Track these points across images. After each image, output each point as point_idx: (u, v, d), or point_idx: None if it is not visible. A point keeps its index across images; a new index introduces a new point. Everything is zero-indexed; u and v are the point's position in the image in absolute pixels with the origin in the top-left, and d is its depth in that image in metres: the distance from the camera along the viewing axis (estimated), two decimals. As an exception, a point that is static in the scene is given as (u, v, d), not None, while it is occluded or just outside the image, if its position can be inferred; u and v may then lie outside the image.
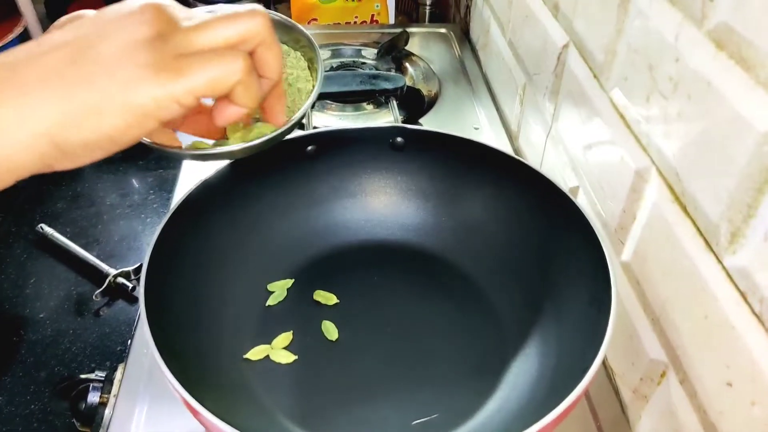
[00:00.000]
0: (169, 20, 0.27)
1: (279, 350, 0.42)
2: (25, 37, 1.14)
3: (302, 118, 0.37)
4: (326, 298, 0.46)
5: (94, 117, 0.26)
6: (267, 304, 0.45)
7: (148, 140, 0.34)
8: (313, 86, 0.38)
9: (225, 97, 0.30)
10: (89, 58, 0.26)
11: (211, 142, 0.36)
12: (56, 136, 0.25)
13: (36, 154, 0.25)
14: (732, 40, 0.29)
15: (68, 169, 0.27)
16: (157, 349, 0.32)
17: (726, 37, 0.30)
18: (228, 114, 0.30)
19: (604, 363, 0.46)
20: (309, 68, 0.40)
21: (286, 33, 0.40)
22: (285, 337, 0.43)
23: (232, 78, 0.28)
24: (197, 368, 0.37)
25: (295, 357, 0.42)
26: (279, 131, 0.36)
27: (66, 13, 0.31)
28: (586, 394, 0.44)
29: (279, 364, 0.42)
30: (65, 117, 0.25)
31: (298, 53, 0.40)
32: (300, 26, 0.38)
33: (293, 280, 0.47)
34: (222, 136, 0.36)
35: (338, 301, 0.46)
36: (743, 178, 0.29)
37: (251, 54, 0.30)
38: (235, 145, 0.35)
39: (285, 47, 0.41)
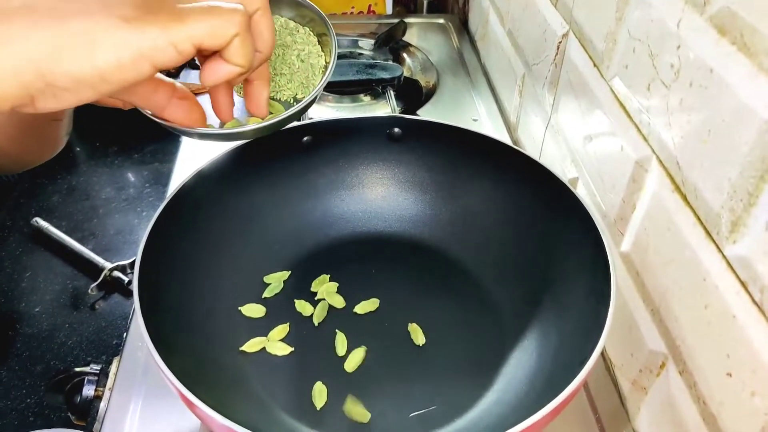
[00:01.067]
0: None
1: (275, 342, 0.42)
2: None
3: (317, 95, 0.36)
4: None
5: (86, 48, 0.24)
6: (263, 296, 0.45)
7: (162, 119, 0.34)
8: (327, 62, 0.38)
9: (216, 55, 0.29)
10: None
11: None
12: (43, 66, 0.24)
13: (20, 82, 0.24)
14: (734, 26, 0.29)
15: (51, 110, 0.26)
16: (151, 341, 0.32)
17: (728, 23, 0.29)
18: (219, 72, 0.30)
19: (603, 355, 0.46)
20: (320, 43, 0.39)
21: (294, 8, 0.39)
22: (281, 329, 0.43)
23: (231, 30, 0.27)
24: (192, 361, 0.36)
25: (292, 349, 0.42)
26: (292, 111, 0.35)
27: None
28: (585, 386, 0.44)
29: (275, 356, 0.41)
30: (55, 46, 0.24)
31: (307, 29, 0.40)
32: (309, 1, 0.38)
33: (289, 272, 0.46)
34: (202, 125, 0.35)
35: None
36: (745, 166, 0.28)
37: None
38: (249, 126, 0.34)
39: (293, 23, 0.40)
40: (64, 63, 0.24)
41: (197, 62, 0.32)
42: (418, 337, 0.42)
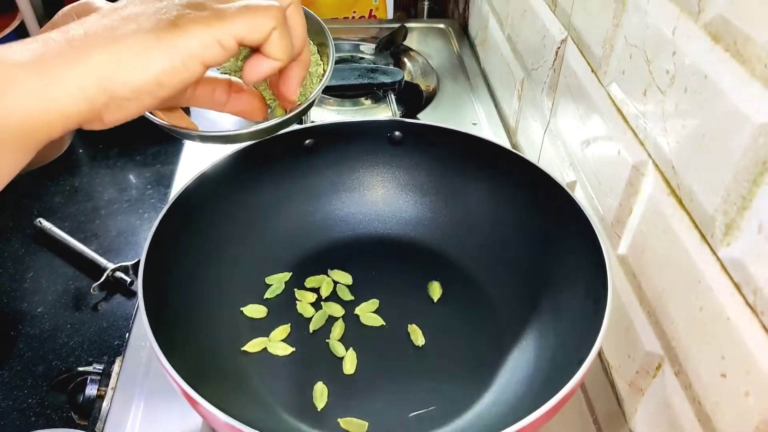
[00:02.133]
0: None
1: (277, 342, 0.42)
2: (21, 31, 1.14)
3: (314, 101, 0.37)
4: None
5: (141, 58, 0.26)
6: (264, 297, 0.45)
7: (163, 122, 0.34)
8: (324, 70, 0.38)
9: (257, 52, 0.30)
10: (132, 17, 0.27)
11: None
12: (104, 80, 0.26)
13: (85, 100, 0.26)
14: (728, 33, 0.30)
15: (119, 121, 0.27)
16: (155, 340, 0.32)
17: (722, 30, 0.30)
18: (260, 68, 0.31)
19: (600, 356, 0.46)
20: (319, 53, 0.40)
21: None
22: (283, 330, 0.43)
23: (269, 24, 0.29)
24: (195, 360, 0.37)
25: (293, 349, 0.42)
26: (290, 114, 0.36)
27: (64, 5, 0.31)
28: (583, 387, 0.44)
29: (277, 356, 0.42)
30: (112, 60, 0.26)
31: (308, 39, 0.40)
32: (309, 10, 0.38)
33: (291, 274, 0.47)
34: (264, 114, 0.36)
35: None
36: (739, 170, 0.29)
37: None
38: (248, 128, 0.35)
39: None
40: (122, 74, 0.26)
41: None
42: (418, 338, 0.43)
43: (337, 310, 0.45)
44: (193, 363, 0.35)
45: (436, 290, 0.46)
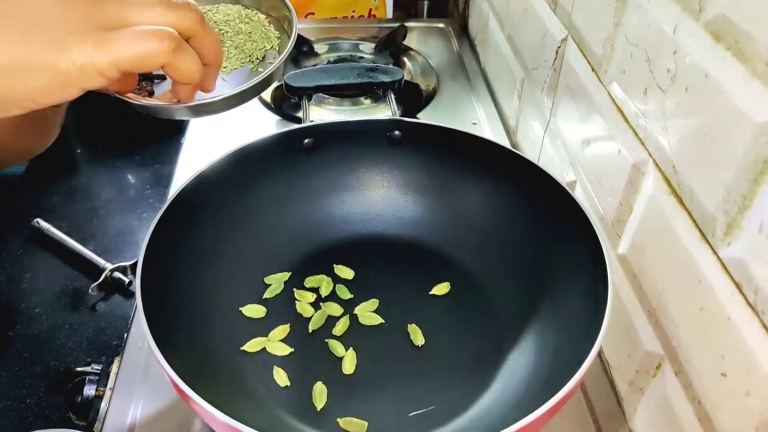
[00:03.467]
0: None
1: (276, 342, 0.42)
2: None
3: (280, 66, 0.38)
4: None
5: (18, 75, 0.26)
6: (264, 297, 0.45)
7: (134, 101, 0.35)
8: (282, 38, 0.39)
9: (175, 82, 0.31)
10: (19, 10, 0.26)
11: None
12: None
13: None
14: (729, 32, 0.29)
15: None
16: (154, 340, 0.32)
17: (723, 29, 0.30)
18: (183, 93, 0.32)
19: (600, 356, 0.46)
20: (284, 24, 0.41)
21: None
22: (282, 330, 0.43)
23: (157, 59, 0.28)
24: (194, 360, 0.37)
25: (292, 349, 0.42)
26: (258, 80, 0.36)
27: None
28: (583, 387, 0.44)
29: (275, 356, 0.42)
30: None
31: (260, 15, 0.42)
32: None
33: (290, 273, 0.47)
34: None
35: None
36: (739, 169, 0.29)
37: (188, 40, 0.31)
38: (216, 96, 0.35)
39: (245, 11, 0.42)
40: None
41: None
42: (418, 337, 0.43)
43: (336, 309, 0.45)
44: (192, 363, 0.35)
45: (442, 289, 0.46)
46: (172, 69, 0.30)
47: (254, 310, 0.44)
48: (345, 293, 0.46)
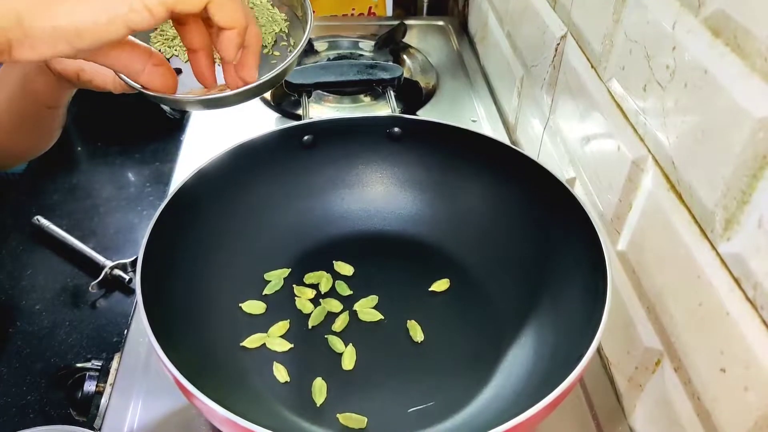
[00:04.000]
0: None
1: (275, 338, 0.42)
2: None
3: (294, 61, 0.37)
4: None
5: (67, 5, 0.26)
6: (263, 293, 0.45)
7: (139, 85, 0.34)
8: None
9: (218, 29, 0.30)
10: None
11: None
12: (24, 15, 0.26)
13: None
14: (728, 28, 0.29)
15: (27, 60, 0.27)
16: (154, 336, 0.32)
17: (722, 25, 0.30)
18: (231, 42, 0.30)
19: (599, 352, 0.46)
20: (299, 19, 0.41)
21: None
22: (281, 326, 0.43)
23: None
24: (193, 355, 0.37)
25: (291, 345, 0.42)
26: (274, 73, 0.35)
27: None
28: (582, 383, 0.44)
29: (275, 352, 0.42)
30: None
31: (273, 8, 0.41)
32: None
33: (290, 270, 0.47)
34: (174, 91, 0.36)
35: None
36: (738, 165, 0.29)
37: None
38: (228, 91, 0.35)
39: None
40: (45, 15, 0.26)
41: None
42: (417, 333, 0.43)
43: (336, 305, 0.45)
44: (192, 358, 0.35)
45: (441, 285, 0.46)
46: (216, 7, 0.29)
47: (254, 306, 0.44)
48: (344, 289, 0.46)
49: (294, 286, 0.46)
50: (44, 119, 0.48)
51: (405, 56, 0.81)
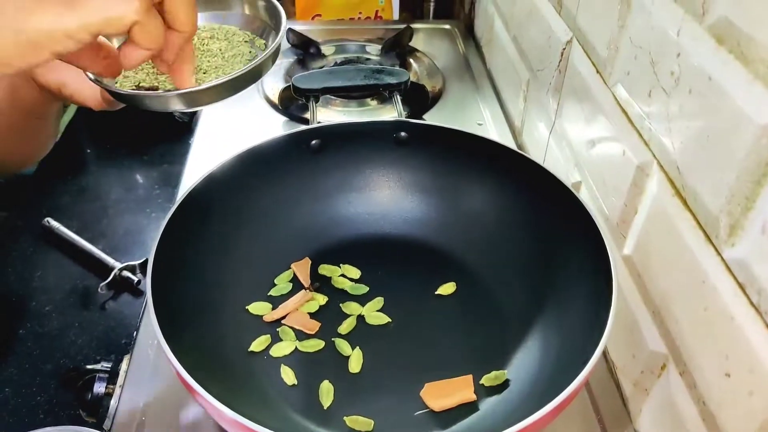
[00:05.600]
0: None
1: (283, 342, 0.43)
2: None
3: (271, 55, 0.37)
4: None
5: None
6: (271, 295, 0.46)
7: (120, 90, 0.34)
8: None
9: (131, 41, 0.30)
10: None
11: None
12: None
13: None
14: (732, 35, 0.30)
15: None
16: (163, 337, 0.32)
17: (726, 32, 0.30)
18: (132, 57, 0.30)
19: (605, 356, 0.46)
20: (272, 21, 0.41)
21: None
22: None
23: (127, 18, 0.28)
24: (203, 357, 0.37)
25: (296, 346, 0.42)
26: (248, 67, 0.35)
27: None
28: (588, 387, 0.44)
29: (283, 354, 0.42)
30: None
31: (232, 28, 0.41)
32: None
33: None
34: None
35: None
36: (742, 171, 0.29)
37: (161, 4, 0.30)
38: (204, 84, 0.35)
39: (209, 27, 0.41)
40: None
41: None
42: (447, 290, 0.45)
43: (345, 309, 0.45)
44: (201, 360, 0.36)
45: (447, 289, 0.46)
46: (140, 31, 0.29)
47: (262, 309, 0.45)
48: (355, 290, 0.46)
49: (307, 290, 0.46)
50: (34, 130, 0.48)
51: (411, 60, 0.81)
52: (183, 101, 0.35)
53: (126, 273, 0.64)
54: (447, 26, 0.90)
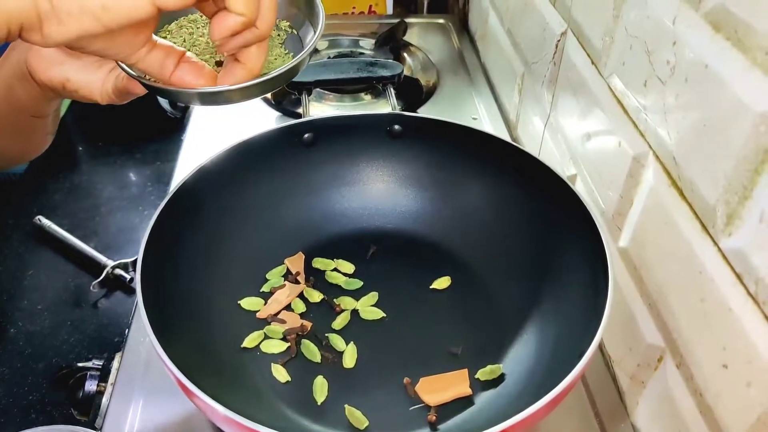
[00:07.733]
0: None
1: (276, 338, 0.42)
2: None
3: (307, 56, 0.36)
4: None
5: None
6: (263, 291, 0.45)
7: (150, 82, 0.33)
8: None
9: (223, 9, 0.29)
10: None
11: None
12: None
13: (28, 0, 0.25)
14: (728, 22, 0.29)
15: (57, 41, 0.27)
16: (154, 335, 0.32)
17: (723, 19, 0.30)
18: (226, 24, 0.30)
19: (601, 350, 0.46)
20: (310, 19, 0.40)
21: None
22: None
23: None
24: (195, 354, 0.37)
25: (288, 345, 0.42)
26: (280, 71, 0.34)
27: None
28: (584, 381, 0.44)
29: (276, 351, 0.42)
30: None
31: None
32: None
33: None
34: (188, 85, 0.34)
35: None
36: (740, 159, 0.29)
37: None
38: (238, 85, 0.34)
39: None
40: None
41: None
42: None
43: (339, 304, 0.45)
44: (193, 357, 0.35)
45: (442, 283, 0.46)
46: None
47: (254, 304, 0.44)
48: (349, 285, 0.46)
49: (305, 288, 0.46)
50: (30, 128, 0.48)
51: (405, 54, 0.81)
52: (221, 98, 0.34)
53: (118, 271, 0.63)
54: (441, 20, 0.90)
